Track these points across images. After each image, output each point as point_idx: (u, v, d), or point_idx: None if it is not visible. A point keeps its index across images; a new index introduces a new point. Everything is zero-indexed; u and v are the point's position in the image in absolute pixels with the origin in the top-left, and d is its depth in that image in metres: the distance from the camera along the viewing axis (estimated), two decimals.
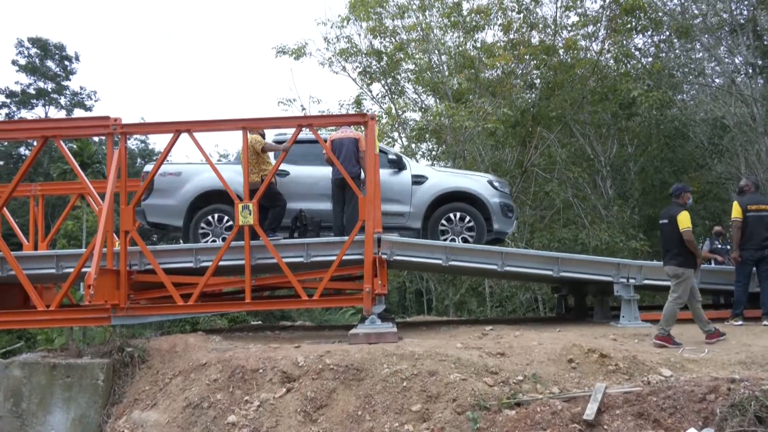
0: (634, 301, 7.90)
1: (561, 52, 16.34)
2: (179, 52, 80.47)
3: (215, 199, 8.31)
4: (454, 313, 17.31)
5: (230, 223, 8.18)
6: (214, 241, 8.18)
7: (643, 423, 4.57)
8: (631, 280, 7.87)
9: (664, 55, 17.08)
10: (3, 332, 14.42)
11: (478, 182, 8.75)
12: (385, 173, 8.42)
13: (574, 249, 13.61)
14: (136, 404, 6.12)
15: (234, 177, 8.09)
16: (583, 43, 16.64)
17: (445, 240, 8.36)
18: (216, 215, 8.31)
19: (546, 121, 16.72)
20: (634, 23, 15.53)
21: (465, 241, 8.35)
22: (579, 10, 16.43)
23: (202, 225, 8.29)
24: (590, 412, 4.66)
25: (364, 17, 17.12)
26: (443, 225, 8.47)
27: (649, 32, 16.43)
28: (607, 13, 15.61)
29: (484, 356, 5.77)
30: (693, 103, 19.10)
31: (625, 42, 15.85)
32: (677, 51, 17.31)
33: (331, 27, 17.98)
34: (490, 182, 8.84)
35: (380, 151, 8.54)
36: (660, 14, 15.85)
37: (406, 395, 5.28)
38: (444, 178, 8.80)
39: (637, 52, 16.79)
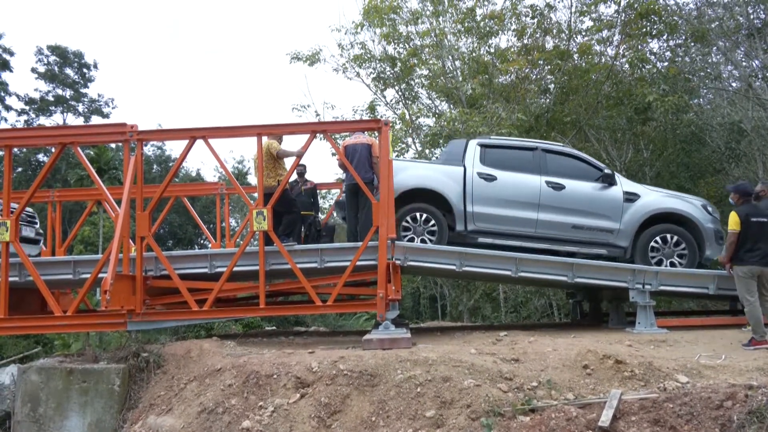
0: (650, 307, 7.81)
1: (575, 56, 16.27)
2: (195, 60, 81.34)
3: (418, 197, 8.30)
4: (469, 318, 17.26)
5: (432, 222, 8.19)
6: (411, 239, 8.15)
7: (659, 430, 4.54)
8: (647, 286, 7.79)
9: (680, 59, 16.92)
10: (21, 337, 14.58)
11: (692, 206, 8.56)
12: (592, 187, 8.42)
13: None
14: (152, 409, 6.15)
15: (438, 176, 8.20)
16: (597, 47, 16.56)
17: (654, 262, 8.22)
18: (418, 214, 8.25)
19: (560, 126, 16.64)
20: (649, 28, 15.42)
21: (672, 265, 8.20)
22: (593, 15, 16.36)
23: (404, 224, 8.24)
24: (605, 418, 4.63)
25: (378, 23, 17.14)
26: (653, 248, 8.31)
27: (665, 37, 16.28)
28: (622, 18, 15.51)
29: (498, 362, 5.75)
30: (710, 108, 18.91)
31: (640, 46, 15.73)
32: (693, 55, 17.16)
33: (345, 33, 18.02)
34: (704, 206, 8.64)
35: (590, 164, 8.62)
36: (676, 18, 15.72)
37: (420, 401, 5.27)
38: (658, 198, 8.59)
39: (652, 57, 16.63)
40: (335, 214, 10.86)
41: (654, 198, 8.54)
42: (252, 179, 30.46)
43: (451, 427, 4.96)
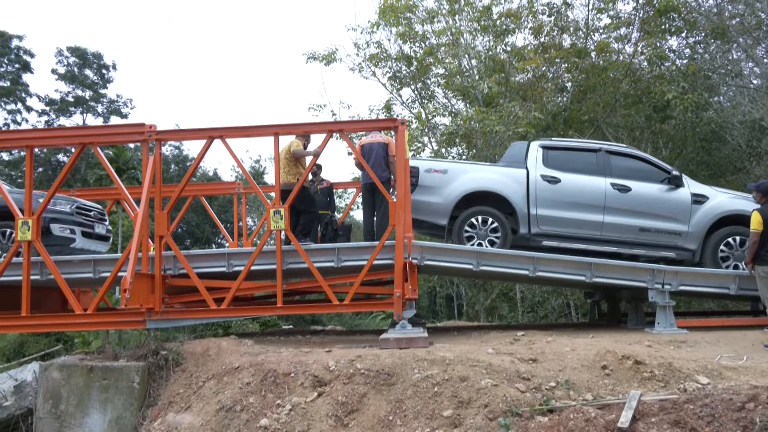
0: (670, 308, 7.71)
1: (593, 54, 16.15)
2: (212, 61, 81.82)
3: (482, 200, 8.30)
4: (485, 318, 17.21)
5: (495, 225, 8.18)
6: (480, 244, 8.14)
7: None
8: (667, 286, 7.69)
9: (699, 56, 16.72)
10: (42, 335, 14.78)
11: None
12: (658, 189, 8.37)
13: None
14: (171, 407, 6.20)
15: (501, 179, 8.21)
16: (615, 45, 16.43)
17: (726, 266, 8.16)
18: (481, 218, 8.23)
19: (578, 125, 16.53)
20: (668, 25, 15.26)
21: (735, 268, 8.09)
22: (611, 13, 16.23)
23: (467, 227, 8.22)
24: (625, 419, 4.60)
25: (394, 22, 17.15)
26: (723, 250, 8.23)
27: (684, 34, 16.12)
28: (640, 15, 15.37)
29: (515, 362, 5.72)
30: (730, 105, 18.65)
31: (659, 44, 15.57)
32: (713, 52, 16.94)
33: (361, 33, 18.08)
34: None
35: (656, 166, 8.53)
36: (695, 15, 15.54)
37: (437, 400, 5.27)
38: (727, 200, 8.46)
39: (671, 54, 16.47)
40: None
41: (723, 200, 8.42)
42: (269, 179, 30.65)
43: (468, 427, 4.95)
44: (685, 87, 14.24)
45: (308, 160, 8.48)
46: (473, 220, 8.22)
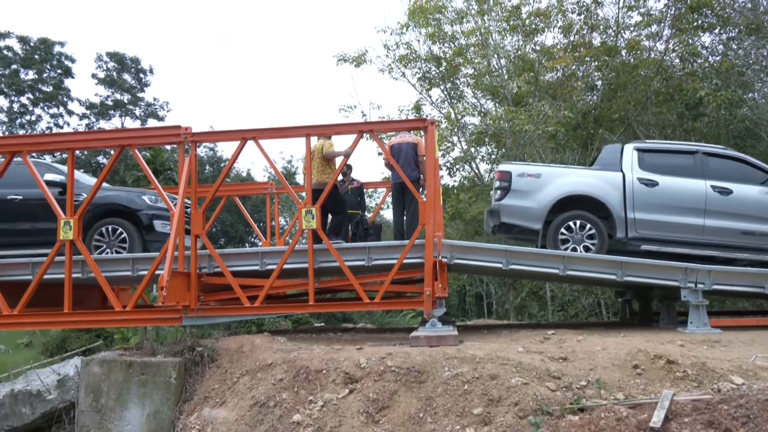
0: (703, 307, 7.58)
1: (623, 52, 15.97)
2: (245, 64, 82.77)
3: (577, 204, 8.24)
4: (515, 316, 17.15)
5: (592, 231, 8.09)
6: (574, 249, 8.06)
7: None
8: (700, 285, 7.56)
9: (733, 53, 16.40)
10: (83, 331, 15.10)
11: None
12: (759, 191, 8.21)
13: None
14: (206, 402, 6.29)
15: (596, 182, 8.21)
16: (646, 43, 16.22)
17: None
18: (579, 222, 8.16)
19: (608, 123, 16.37)
20: (700, 21, 15.01)
21: None
22: (642, 10, 16.03)
23: (563, 231, 8.14)
24: (657, 419, 4.55)
25: (423, 23, 17.20)
26: None
27: (717, 30, 15.83)
28: (672, 12, 15.15)
29: (546, 361, 5.72)
30: (765, 102, 18.26)
31: (691, 41, 15.33)
32: (747, 48, 16.60)
33: (391, 34, 18.16)
34: None
35: (756, 167, 8.37)
36: (728, 11, 15.25)
37: (467, 398, 5.28)
38: None
39: (704, 51, 16.21)
40: None
41: None
42: (301, 178, 30.90)
43: (498, 425, 4.95)
44: (718, 84, 14.01)
45: (339, 160, 8.59)
46: (570, 223, 8.13)
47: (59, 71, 38.52)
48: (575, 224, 8.12)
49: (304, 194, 8.65)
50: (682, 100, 14.97)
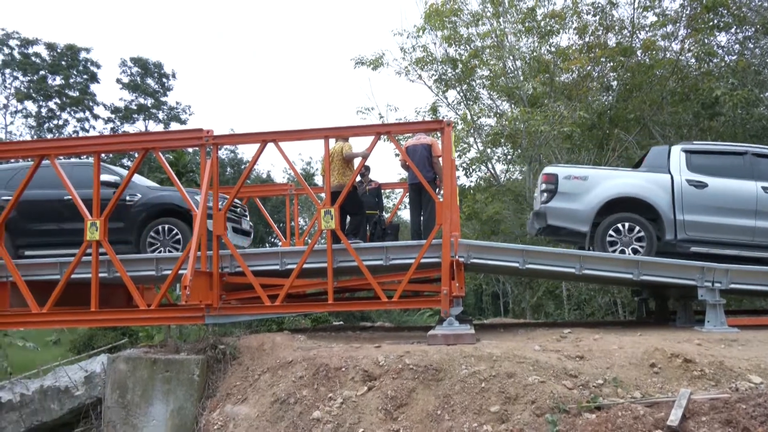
0: (721, 306, 7.55)
1: (639, 53, 15.92)
2: (265, 68, 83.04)
3: (624, 206, 8.22)
4: (531, 315, 17.16)
5: (641, 234, 8.07)
6: (622, 251, 8.05)
7: (731, 431, 4.43)
8: (717, 284, 7.53)
9: (749, 52, 16.27)
10: (109, 329, 15.29)
11: None
12: None
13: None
14: (228, 398, 6.40)
15: (644, 184, 8.22)
16: (661, 43, 16.15)
17: None
18: (627, 224, 8.13)
19: (624, 123, 16.31)
20: (716, 21, 14.92)
21: None
22: (657, 10, 15.97)
23: (611, 233, 8.12)
24: (674, 417, 4.55)
25: (439, 26, 17.24)
26: None
27: (733, 29, 15.71)
28: (687, 12, 15.08)
29: (562, 359, 5.75)
30: None
31: (706, 40, 15.24)
32: (764, 47, 16.48)
33: (407, 37, 18.22)
34: None
35: None
36: (744, 10, 15.14)
37: (484, 396, 5.32)
38: None
39: (720, 50, 16.09)
40: None
41: None
42: (319, 180, 31.12)
43: (515, 423, 4.99)
44: (735, 83, 13.91)
45: (357, 161, 8.70)
46: (619, 225, 8.11)
47: (85, 77, 39.26)
48: (623, 226, 8.09)
49: (323, 195, 8.76)
50: (698, 100, 14.88)
